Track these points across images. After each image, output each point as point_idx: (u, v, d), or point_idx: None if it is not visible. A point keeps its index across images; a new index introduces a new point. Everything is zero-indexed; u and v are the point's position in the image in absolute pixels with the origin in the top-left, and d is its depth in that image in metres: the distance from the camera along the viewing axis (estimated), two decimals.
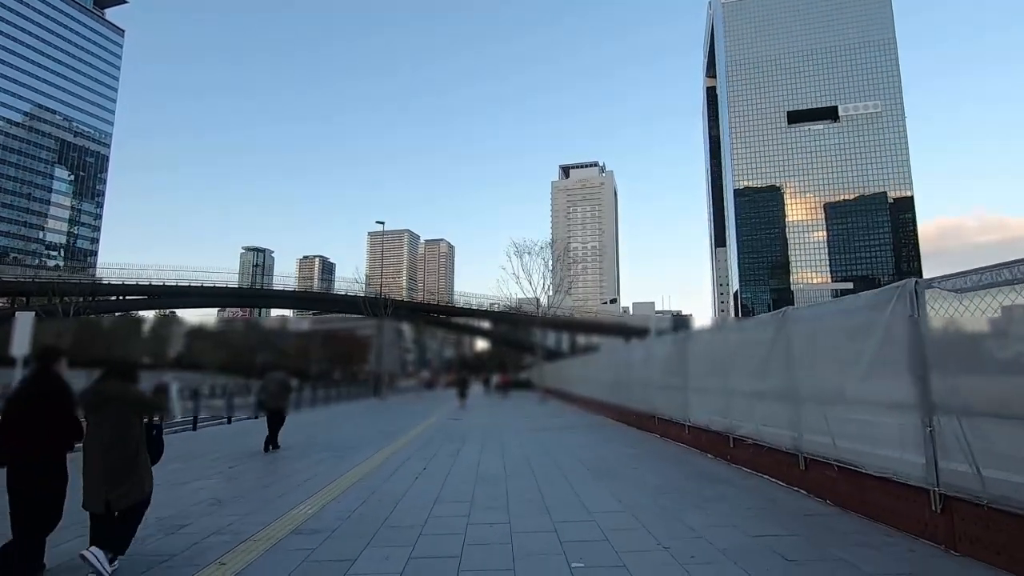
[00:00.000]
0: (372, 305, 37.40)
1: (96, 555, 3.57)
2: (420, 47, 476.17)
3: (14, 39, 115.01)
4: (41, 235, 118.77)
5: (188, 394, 16.83)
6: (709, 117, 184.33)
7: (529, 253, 30.48)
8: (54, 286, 37.80)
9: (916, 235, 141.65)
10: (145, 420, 4.16)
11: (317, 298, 64.84)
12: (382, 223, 37.42)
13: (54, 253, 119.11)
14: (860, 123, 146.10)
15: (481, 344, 70.37)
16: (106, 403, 3.89)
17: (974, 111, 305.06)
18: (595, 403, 18.54)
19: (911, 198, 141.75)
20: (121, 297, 52.49)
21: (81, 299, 37.01)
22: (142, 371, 4.44)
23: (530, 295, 29.71)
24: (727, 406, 7.85)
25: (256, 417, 18.39)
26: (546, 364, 32.29)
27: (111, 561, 3.72)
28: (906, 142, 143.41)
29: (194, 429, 13.88)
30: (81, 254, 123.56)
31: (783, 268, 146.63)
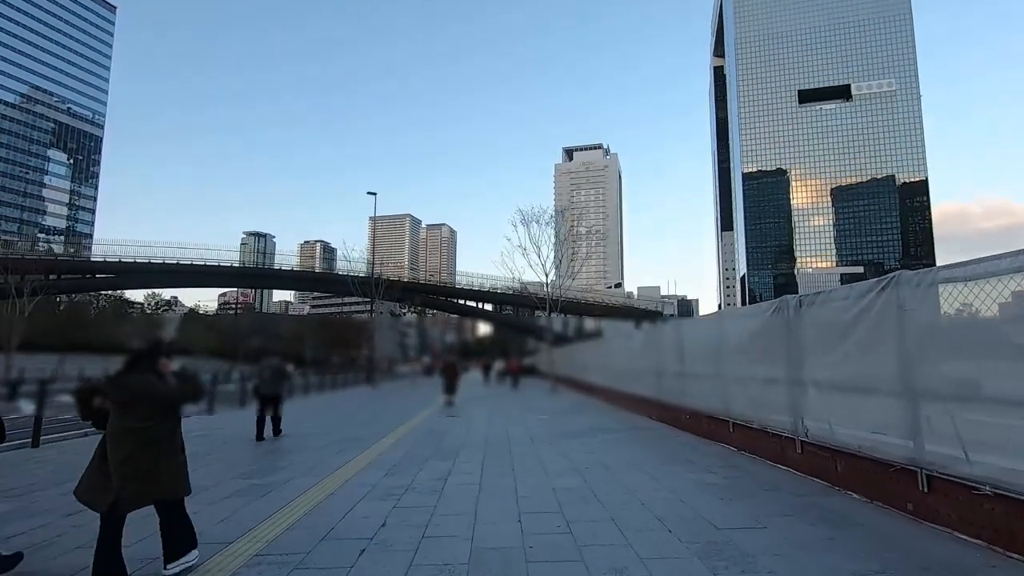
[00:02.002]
0: (362, 285, 33.94)
1: None
2: (418, 32, 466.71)
3: (7, 18, 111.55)
4: (34, 217, 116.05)
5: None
6: (716, 99, 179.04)
7: (537, 222, 26.86)
8: (5, 262, 34.18)
9: (930, 220, 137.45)
10: None
11: (299, 277, 61.03)
12: (373, 194, 33.96)
13: (52, 236, 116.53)
14: (873, 102, 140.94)
15: (484, 328, 67.25)
16: (133, 398, 3.45)
17: (972, 95, 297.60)
18: (622, 396, 15.23)
19: (925, 182, 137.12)
20: (87, 275, 48.81)
21: (43, 277, 33.67)
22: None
23: (538, 269, 26.16)
24: (911, 417, 4.47)
25: (210, 412, 15.29)
26: (556, 349, 28.91)
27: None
28: (921, 123, 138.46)
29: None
30: (76, 237, 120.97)
31: (792, 252, 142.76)
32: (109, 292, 62.11)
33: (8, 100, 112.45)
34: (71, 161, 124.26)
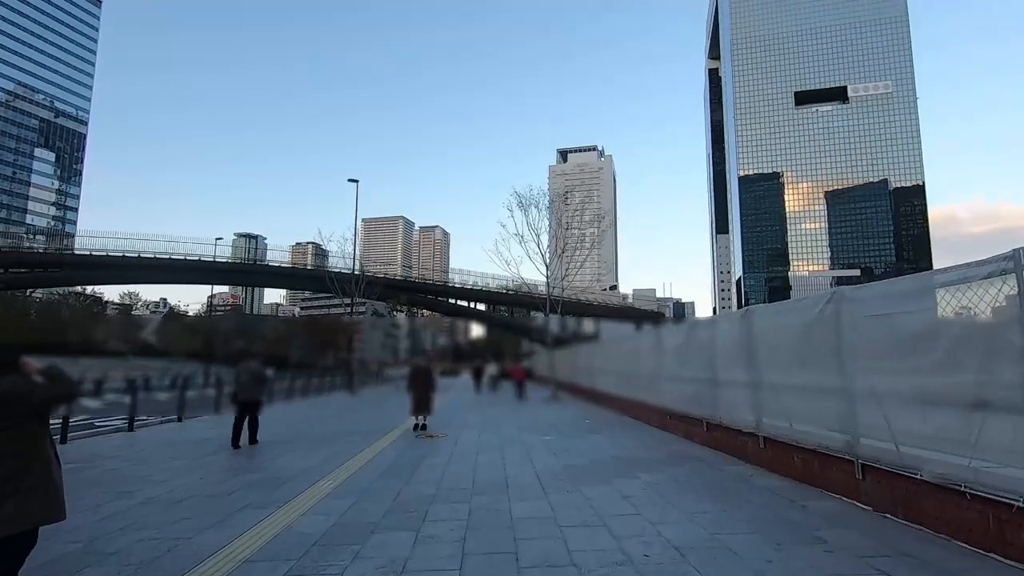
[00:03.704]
0: (341, 281, 30.82)
1: None
2: (412, 34, 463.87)
3: None
4: (17, 216, 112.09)
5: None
6: (711, 101, 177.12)
7: (536, 207, 23.82)
8: None
9: (926, 223, 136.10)
10: None
11: (277, 273, 57.36)
12: (355, 181, 30.94)
13: (35, 236, 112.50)
14: (870, 105, 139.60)
15: (477, 330, 64.33)
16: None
17: (969, 99, 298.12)
18: (645, 408, 12.30)
19: (921, 185, 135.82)
20: (37, 269, 45.17)
21: None
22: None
23: (536, 259, 23.14)
24: None
25: (129, 429, 12.25)
26: (556, 352, 25.85)
27: None
28: (917, 125, 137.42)
29: None
30: (59, 236, 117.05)
31: (787, 256, 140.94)
32: (77, 290, 58.50)
33: None
34: (56, 158, 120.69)
